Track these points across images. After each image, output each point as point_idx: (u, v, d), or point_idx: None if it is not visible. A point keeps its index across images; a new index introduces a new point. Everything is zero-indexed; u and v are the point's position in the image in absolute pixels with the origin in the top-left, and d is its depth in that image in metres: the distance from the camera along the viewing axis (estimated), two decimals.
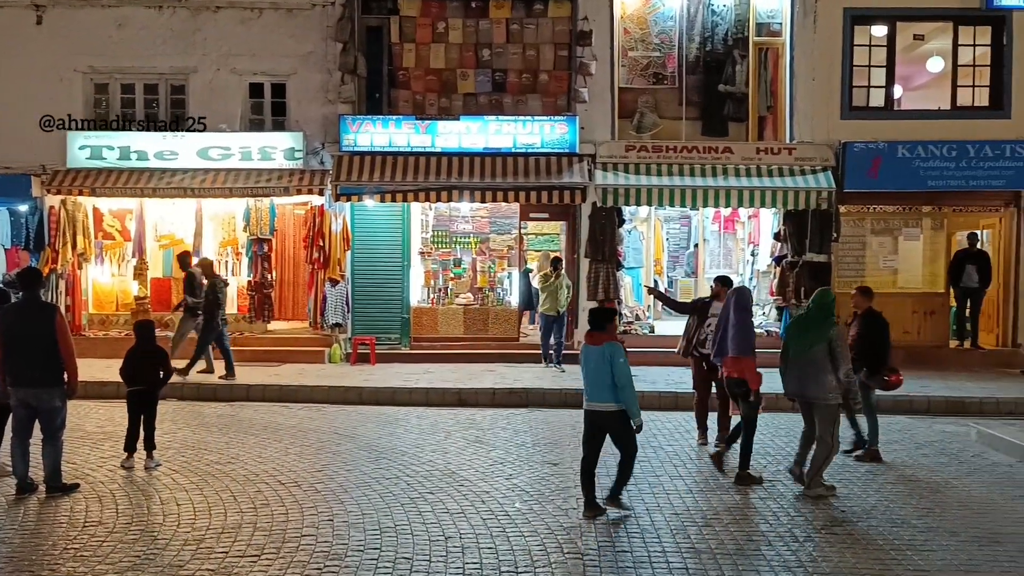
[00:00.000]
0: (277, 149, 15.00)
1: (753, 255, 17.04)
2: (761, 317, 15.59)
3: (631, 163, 14.81)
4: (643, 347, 14.67)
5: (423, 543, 6.29)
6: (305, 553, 6.07)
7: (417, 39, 15.37)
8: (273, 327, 15.73)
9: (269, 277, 15.49)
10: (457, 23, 15.33)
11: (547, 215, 16.01)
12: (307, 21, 15.26)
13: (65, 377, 7.47)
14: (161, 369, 8.74)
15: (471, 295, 15.90)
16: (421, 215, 16.12)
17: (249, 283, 15.54)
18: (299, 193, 14.87)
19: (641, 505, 7.22)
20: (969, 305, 14.92)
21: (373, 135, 14.76)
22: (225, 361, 13.03)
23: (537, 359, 14.18)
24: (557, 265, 14.03)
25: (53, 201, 15.17)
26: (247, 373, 13.32)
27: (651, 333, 15.60)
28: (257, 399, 12.12)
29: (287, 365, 14.27)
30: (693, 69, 15.54)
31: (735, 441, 8.27)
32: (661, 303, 11.64)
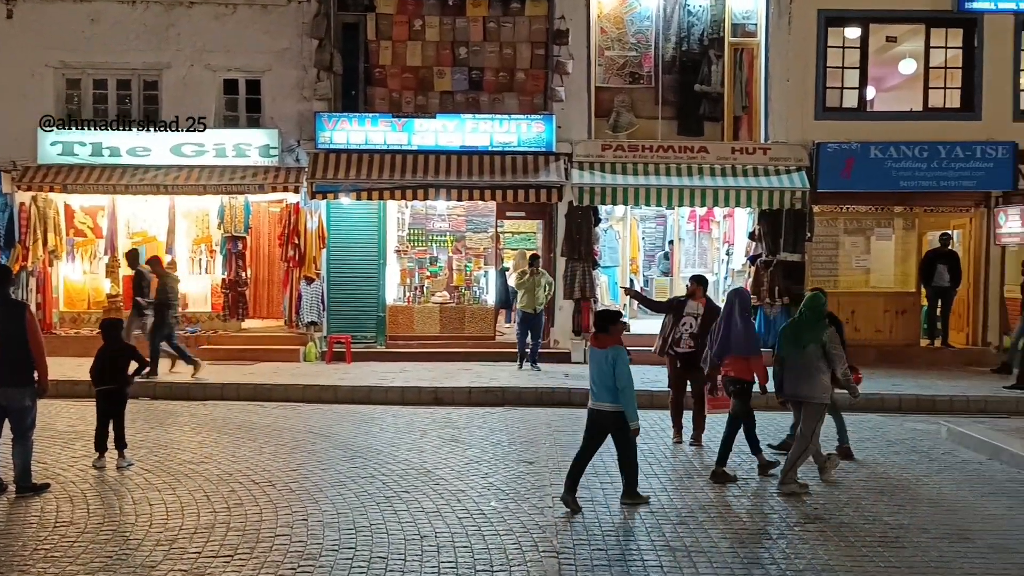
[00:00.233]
0: (252, 146, 14.90)
1: (728, 254, 17.14)
2: None
3: (607, 162, 14.86)
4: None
5: (398, 542, 6.28)
6: (279, 553, 6.04)
7: (393, 36, 15.31)
8: (247, 325, 15.63)
9: (243, 275, 15.39)
10: (434, 21, 15.30)
11: (524, 214, 16.01)
12: (282, 17, 15.16)
13: (36, 376, 7.37)
14: (131, 365, 8.66)
15: (447, 293, 15.88)
16: (397, 213, 16.07)
17: (223, 281, 15.43)
18: (274, 191, 14.79)
19: (617, 503, 7.25)
20: (940, 304, 15.08)
21: (349, 133, 14.70)
22: (182, 358, 12.86)
23: (513, 357, 14.00)
24: (535, 262, 13.99)
25: (24, 197, 14.96)
26: (221, 372, 13.21)
27: (627, 332, 15.59)
28: (231, 398, 12.02)
29: (261, 364, 14.18)
30: (669, 69, 15.61)
31: (727, 454, 8.28)
32: (637, 302, 11.66)
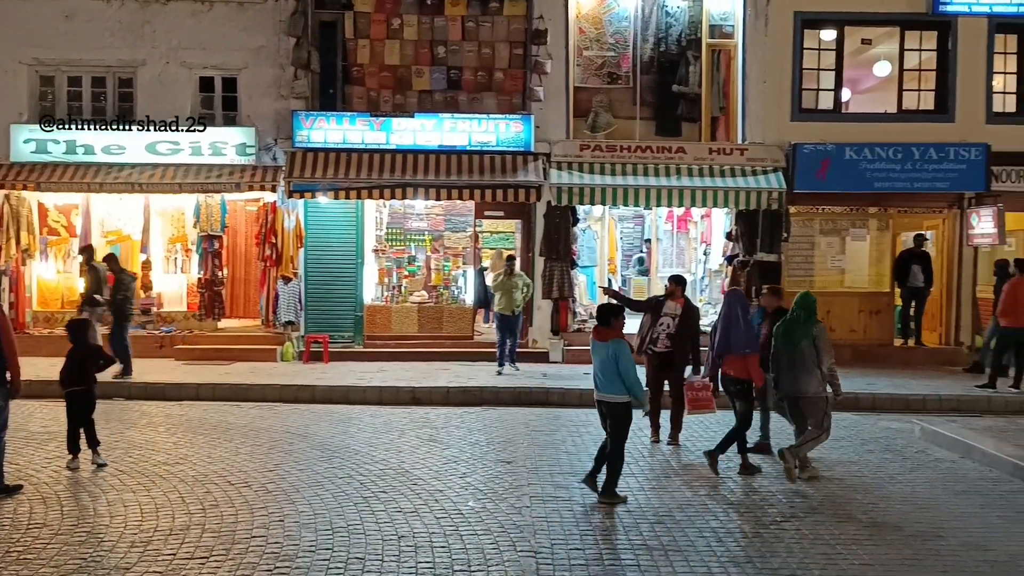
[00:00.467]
0: (228, 145, 14.80)
1: (705, 254, 17.23)
2: (713, 315, 15.78)
3: (585, 162, 14.89)
4: None
5: (376, 543, 6.26)
6: (255, 555, 6.01)
7: (371, 35, 15.26)
8: (224, 325, 15.54)
9: (220, 274, 15.30)
10: (412, 20, 15.26)
11: (502, 213, 16.00)
12: (259, 15, 15.08)
13: (8, 376, 7.29)
14: (99, 366, 8.62)
15: (425, 293, 15.86)
16: (375, 212, 16.03)
17: (199, 280, 15.33)
18: (251, 189, 14.70)
19: (594, 502, 7.27)
20: (914, 304, 15.24)
21: (327, 131, 14.64)
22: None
23: (492, 357, 13.91)
24: (510, 264, 13.88)
25: None
26: (196, 372, 13.12)
27: None
28: (207, 398, 11.95)
29: (238, 363, 14.09)
30: (647, 69, 15.67)
31: (727, 448, 8.45)
32: (616, 302, 11.67)
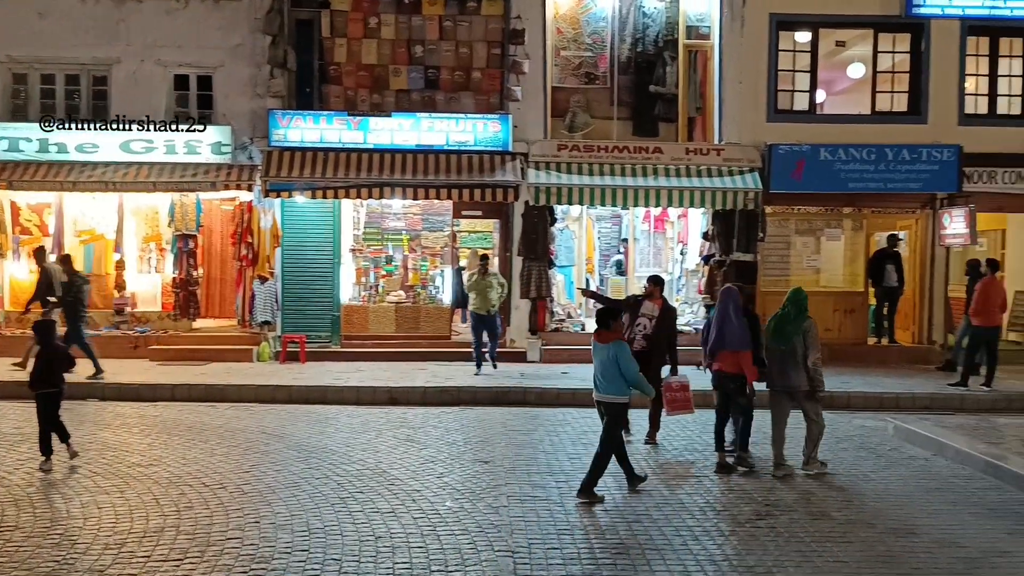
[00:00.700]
0: (203, 143, 14.65)
1: (682, 254, 17.29)
2: (689, 315, 15.88)
3: (563, 162, 14.91)
4: (574, 344, 14.80)
5: (352, 543, 6.24)
6: (230, 557, 5.96)
7: (348, 34, 15.20)
8: (199, 325, 15.40)
9: (195, 274, 15.16)
10: (389, 19, 15.21)
11: (480, 213, 15.99)
12: (235, 13, 14.96)
13: None
14: (65, 367, 8.58)
15: (403, 293, 15.80)
16: (352, 212, 15.95)
17: (174, 280, 15.18)
18: (227, 188, 14.58)
19: (572, 501, 7.29)
20: (887, 304, 15.40)
21: (304, 130, 14.55)
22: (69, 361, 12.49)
23: (470, 357, 13.79)
24: (484, 263, 13.75)
25: None
26: (171, 372, 13.01)
27: (582, 331, 15.70)
28: (182, 399, 11.85)
29: (214, 364, 13.97)
30: (624, 70, 15.70)
31: (748, 443, 8.64)
32: (594, 301, 11.72)
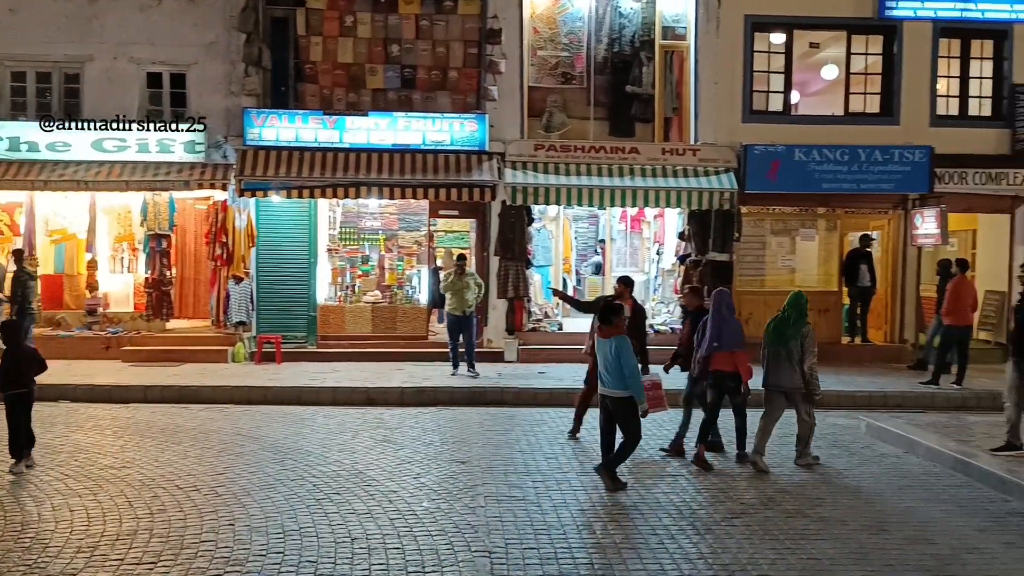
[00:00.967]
0: (176, 142, 14.52)
1: (659, 254, 17.39)
2: (666, 315, 15.95)
3: (540, 162, 14.92)
4: (552, 344, 14.86)
5: (328, 545, 6.21)
6: (204, 559, 5.91)
7: (324, 32, 15.13)
8: (172, 326, 15.26)
9: (168, 274, 15.02)
10: (365, 17, 15.17)
11: (456, 212, 15.95)
12: (209, 10, 14.83)
13: None
14: (35, 369, 8.45)
15: (379, 293, 15.75)
16: (328, 211, 15.87)
17: (147, 280, 15.04)
18: (200, 187, 14.46)
19: (548, 501, 7.30)
20: (861, 303, 15.55)
21: (279, 129, 14.47)
22: None
23: (446, 357, 13.64)
24: (461, 263, 13.50)
25: None
26: (144, 373, 12.88)
27: (559, 331, 15.75)
28: (155, 400, 11.74)
29: (188, 365, 13.85)
30: (601, 70, 15.75)
31: (744, 441, 8.87)
32: (567, 303, 11.74)
